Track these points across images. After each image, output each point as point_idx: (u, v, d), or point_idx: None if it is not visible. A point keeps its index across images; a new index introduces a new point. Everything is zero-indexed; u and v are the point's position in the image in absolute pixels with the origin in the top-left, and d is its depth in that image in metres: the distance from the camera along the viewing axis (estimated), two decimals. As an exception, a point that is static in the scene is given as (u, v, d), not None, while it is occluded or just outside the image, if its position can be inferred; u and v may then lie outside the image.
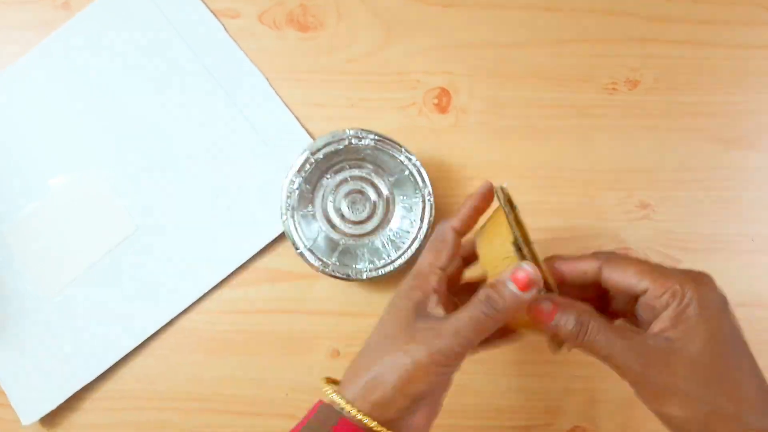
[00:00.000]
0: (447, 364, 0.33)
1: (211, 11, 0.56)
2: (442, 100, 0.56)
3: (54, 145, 0.55)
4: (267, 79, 0.56)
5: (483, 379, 0.53)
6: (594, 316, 0.33)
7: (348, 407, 0.33)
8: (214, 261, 0.54)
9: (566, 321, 0.33)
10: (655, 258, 0.53)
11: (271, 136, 0.55)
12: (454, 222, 0.37)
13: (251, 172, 0.51)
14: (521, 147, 0.55)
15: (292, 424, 0.35)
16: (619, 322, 0.38)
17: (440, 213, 0.53)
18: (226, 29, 0.56)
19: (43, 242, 0.54)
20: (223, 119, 0.55)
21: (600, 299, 0.38)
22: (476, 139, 0.55)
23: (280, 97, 0.56)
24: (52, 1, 0.57)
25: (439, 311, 0.35)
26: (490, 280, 0.34)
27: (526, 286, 0.32)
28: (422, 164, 0.51)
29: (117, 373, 0.54)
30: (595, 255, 0.36)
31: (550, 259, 0.38)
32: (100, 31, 0.56)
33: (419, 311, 0.34)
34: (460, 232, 0.37)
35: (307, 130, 0.55)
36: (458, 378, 0.53)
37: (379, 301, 0.53)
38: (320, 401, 0.35)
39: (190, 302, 0.54)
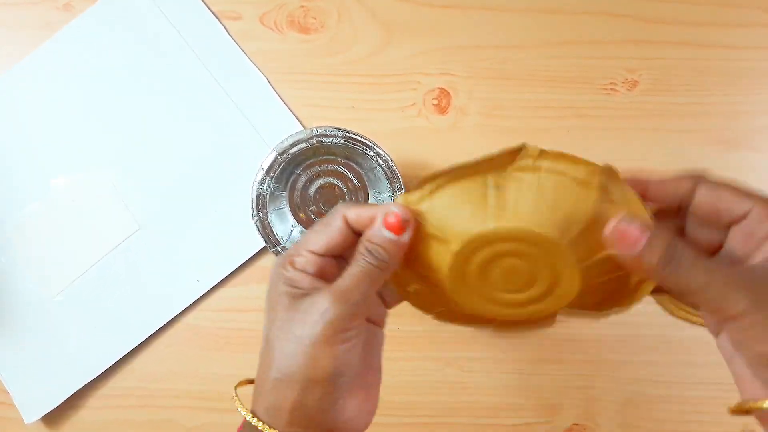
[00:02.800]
0: (346, 328, 0.29)
1: (213, 13, 0.57)
2: (442, 101, 0.56)
3: (56, 145, 0.56)
4: (268, 80, 0.56)
5: (482, 377, 0.54)
6: (686, 243, 0.27)
7: (266, 430, 0.30)
8: (216, 260, 0.54)
9: (654, 248, 0.27)
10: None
11: (272, 137, 0.55)
12: (351, 213, 0.31)
13: (252, 172, 0.51)
14: (520, 147, 0.55)
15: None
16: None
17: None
18: (227, 31, 0.57)
19: (45, 242, 0.55)
20: (224, 120, 0.56)
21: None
22: (476, 139, 0.56)
23: (281, 98, 0.56)
24: (54, 3, 0.57)
25: (320, 285, 0.31)
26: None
27: (400, 229, 0.30)
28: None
29: (119, 372, 0.54)
30: (688, 173, 0.30)
31: (636, 174, 0.31)
32: (101, 33, 0.57)
33: (296, 291, 0.31)
34: (354, 229, 0.31)
35: (307, 131, 0.55)
36: (458, 376, 0.54)
37: (380, 300, 0.54)
38: (244, 421, 0.32)
39: (192, 301, 0.54)
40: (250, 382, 0.34)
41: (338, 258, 0.32)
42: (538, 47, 0.56)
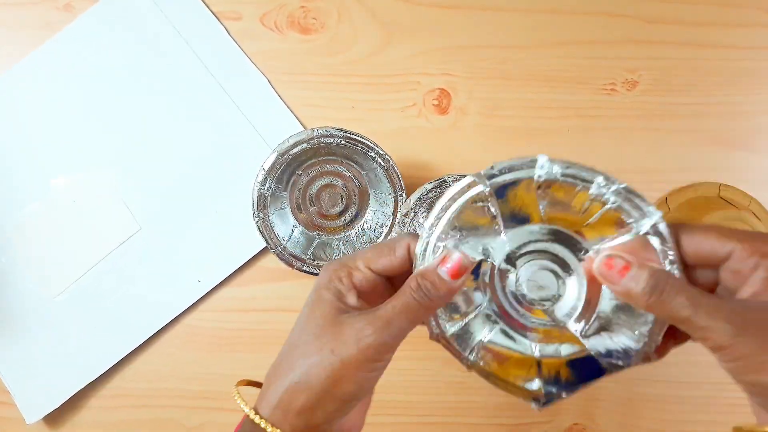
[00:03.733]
0: (378, 359, 0.31)
1: (213, 13, 0.57)
2: (442, 102, 0.56)
3: (56, 145, 0.56)
4: (268, 80, 0.56)
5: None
6: (671, 274, 0.29)
7: (268, 427, 0.30)
8: (216, 260, 0.54)
9: (638, 278, 0.29)
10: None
11: (273, 137, 0.55)
12: (415, 245, 0.33)
13: (252, 172, 0.51)
14: (520, 148, 0.56)
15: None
16: None
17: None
18: (227, 31, 0.57)
19: (45, 242, 0.55)
20: (224, 120, 0.56)
21: None
22: (475, 139, 0.56)
23: (281, 98, 0.56)
24: (54, 3, 0.57)
25: (363, 305, 0.32)
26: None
27: (457, 274, 0.31)
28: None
29: (120, 372, 0.54)
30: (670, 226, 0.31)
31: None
32: (102, 33, 0.57)
33: (341, 304, 0.32)
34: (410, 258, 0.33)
35: (308, 131, 0.56)
36: (458, 376, 0.54)
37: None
38: (244, 417, 0.32)
39: (193, 301, 0.54)
40: (251, 383, 0.35)
41: (386, 278, 0.34)
42: (538, 47, 0.56)
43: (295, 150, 0.50)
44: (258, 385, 0.34)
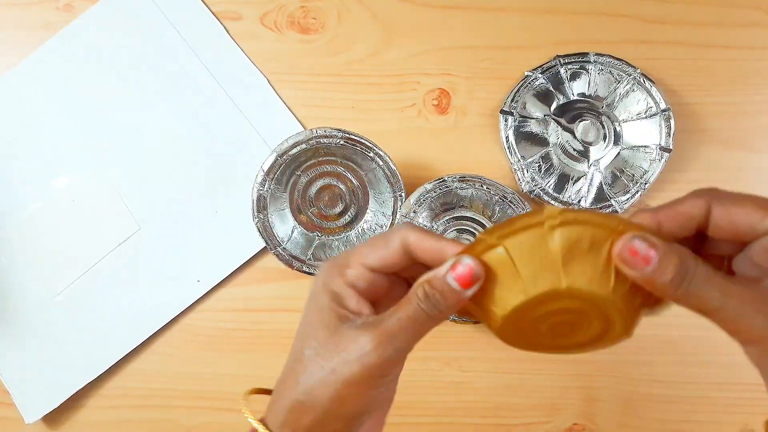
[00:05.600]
0: (383, 375, 0.29)
1: (213, 13, 0.57)
2: (442, 102, 0.56)
3: (56, 145, 0.56)
4: (268, 80, 0.56)
5: (482, 377, 0.54)
6: (700, 260, 0.26)
7: None
8: (216, 260, 0.54)
9: (665, 267, 0.25)
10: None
11: (273, 138, 0.55)
12: (412, 236, 0.29)
13: (252, 172, 0.51)
14: (520, 148, 0.55)
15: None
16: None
17: (440, 213, 0.53)
18: (227, 31, 0.57)
19: (46, 242, 0.55)
20: (224, 120, 0.56)
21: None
22: (476, 139, 0.56)
23: (281, 98, 0.56)
24: (54, 3, 0.57)
25: (364, 309, 0.30)
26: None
27: (468, 283, 0.27)
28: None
29: (119, 372, 0.54)
30: (697, 193, 0.28)
31: (640, 213, 0.28)
32: (102, 34, 0.57)
33: (341, 311, 0.29)
34: (412, 253, 0.30)
35: (308, 131, 0.55)
36: (458, 376, 0.54)
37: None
38: (253, 428, 0.31)
39: (192, 301, 0.54)
40: (261, 391, 0.33)
41: (390, 275, 0.31)
42: (538, 47, 0.56)
43: (294, 150, 0.50)
44: (268, 392, 0.33)
